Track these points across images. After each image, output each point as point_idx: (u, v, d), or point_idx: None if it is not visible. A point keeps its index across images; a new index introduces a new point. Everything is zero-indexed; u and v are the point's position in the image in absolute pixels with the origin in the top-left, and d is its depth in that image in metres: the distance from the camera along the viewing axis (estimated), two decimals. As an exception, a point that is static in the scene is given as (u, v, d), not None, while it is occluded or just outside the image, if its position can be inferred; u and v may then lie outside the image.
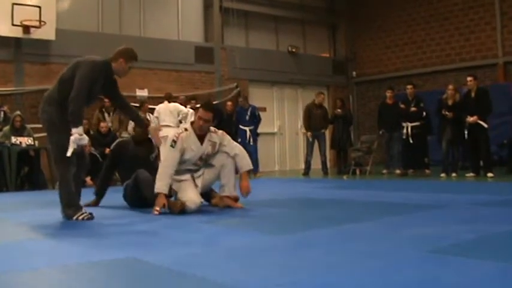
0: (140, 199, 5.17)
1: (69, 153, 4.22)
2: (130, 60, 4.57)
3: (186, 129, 4.96)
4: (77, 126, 4.25)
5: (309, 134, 11.22)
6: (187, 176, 4.93)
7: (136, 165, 5.31)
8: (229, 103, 11.66)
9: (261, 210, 4.92)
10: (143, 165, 5.32)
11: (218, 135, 5.04)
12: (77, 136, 4.23)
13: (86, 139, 4.36)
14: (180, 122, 9.68)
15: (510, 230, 3.39)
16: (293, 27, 15.17)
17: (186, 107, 10.53)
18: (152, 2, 12.54)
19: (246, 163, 5.09)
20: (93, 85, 4.40)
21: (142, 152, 5.55)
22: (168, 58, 12.24)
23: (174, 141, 4.83)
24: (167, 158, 4.85)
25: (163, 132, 6.60)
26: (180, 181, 4.89)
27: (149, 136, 5.46)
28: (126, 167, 5.50)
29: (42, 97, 4.56)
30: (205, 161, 5.02)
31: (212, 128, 5.05)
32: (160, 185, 4.70)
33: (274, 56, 14.37)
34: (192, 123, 5.07)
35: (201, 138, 4.93)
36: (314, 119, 11.03)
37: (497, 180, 7.96)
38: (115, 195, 5.66)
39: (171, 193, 4.91)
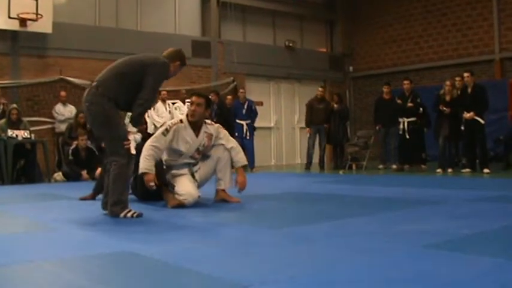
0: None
1: (134, 151, 4.08)
2: (183, 65, 4.52)
3: (181, 121, 4.93)
4: (137, 126, 4.18)
5: (307, 130, 11.25)
6: (185, 170, 4.93)
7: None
8: (229, 97, 11.64)
9: (257, 204, 4.93)
10: None
11: (214, 128, 5.03)
12: (139, 135, 4.18)
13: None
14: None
15: (506, 226, 3.41)
16: (290, 22, 15.14)
17: (185, 101, 10.62)
18: (149, -4, 12.50)
19: (241, 158, 5.11)
20: None
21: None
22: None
23: (167, 130, 4.80)
24: (156, 141, 4.74)
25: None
26: (178, 175, 4.88)
27: (149, 132, 5.47)
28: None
29: (90, 87, 4.17)
30: (202, 154, 5.01)
31: (208, 121, 5.06)
32: (148, 165, 4.58)
33: (271, 50, 14.34)
34: (187, 115, 4.98)
35: (196, 129, 4.89)
36: (316, 114, 11.05)
37: (494, 176, 7.97)
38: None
39: (170, 187, 4.89)
